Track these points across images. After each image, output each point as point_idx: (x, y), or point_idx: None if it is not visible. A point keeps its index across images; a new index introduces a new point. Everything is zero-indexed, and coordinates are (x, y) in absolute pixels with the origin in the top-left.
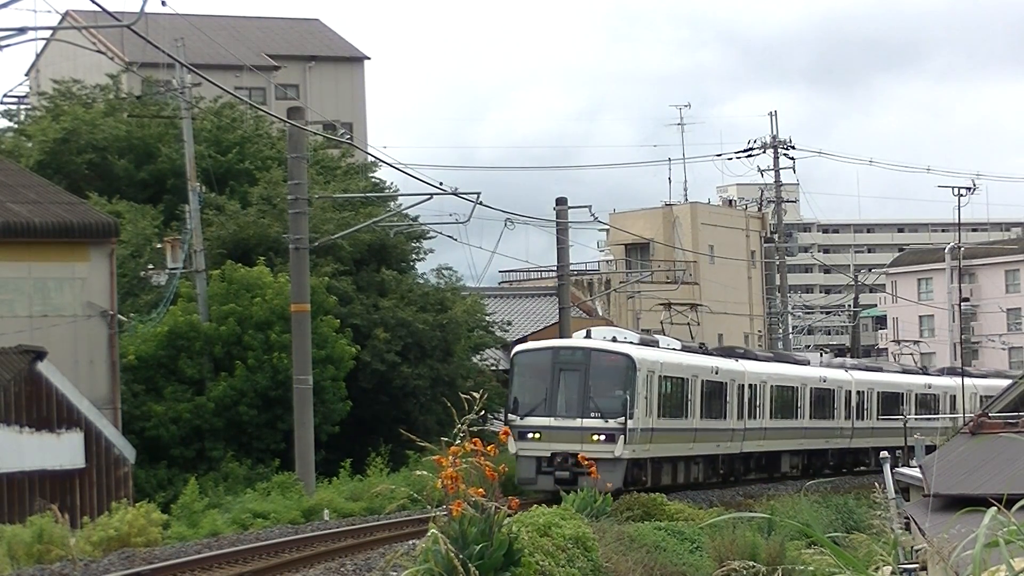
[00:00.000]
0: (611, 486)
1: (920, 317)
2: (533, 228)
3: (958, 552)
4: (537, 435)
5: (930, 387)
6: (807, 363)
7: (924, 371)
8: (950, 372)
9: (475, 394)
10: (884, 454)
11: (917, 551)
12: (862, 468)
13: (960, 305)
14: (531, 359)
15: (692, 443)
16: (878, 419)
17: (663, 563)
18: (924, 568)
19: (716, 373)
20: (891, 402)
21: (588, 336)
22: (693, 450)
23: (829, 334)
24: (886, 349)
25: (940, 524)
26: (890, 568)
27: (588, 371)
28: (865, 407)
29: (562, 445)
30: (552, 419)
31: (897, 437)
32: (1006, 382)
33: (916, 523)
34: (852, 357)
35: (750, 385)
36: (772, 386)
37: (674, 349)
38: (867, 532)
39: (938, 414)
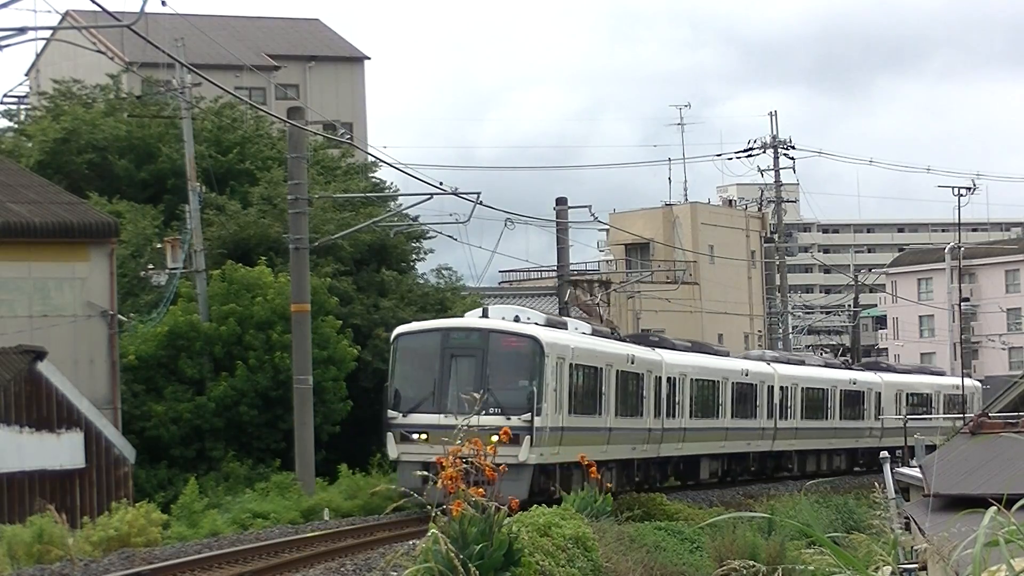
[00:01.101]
0: (515, 501)
1: (920, 317)
2: (533, 228)
3: (958, 552)
4: (423, 436)
5: (855, 383)
6: (727, 354)
7: (847, 365)
8: (871, 367)
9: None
10: (884, 454)
11: (917, 551)
12: (784, 474)
13: (960, 305)
14: (416, 343)
15: (606, 445)
16: (802, 419)
17: (663, 563)
18: (924, 568)
19: (632, 363)
20: (816, 400)
21: (485, 315)
22: (607, 454)
23: (829, 334)
24: (886, 349)
25: (940, 524)
26: (890, 568)
27: (486, 357)
28: (789, 405)
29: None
30: (442, 416)
31: (825, 439)
32: (931, 378)
33: (916, 523)
34: (852, 357)
35: (669, 378)
36: (692, 380)
37: (585, 333)
38: (867, 532)
39: (863, 415)
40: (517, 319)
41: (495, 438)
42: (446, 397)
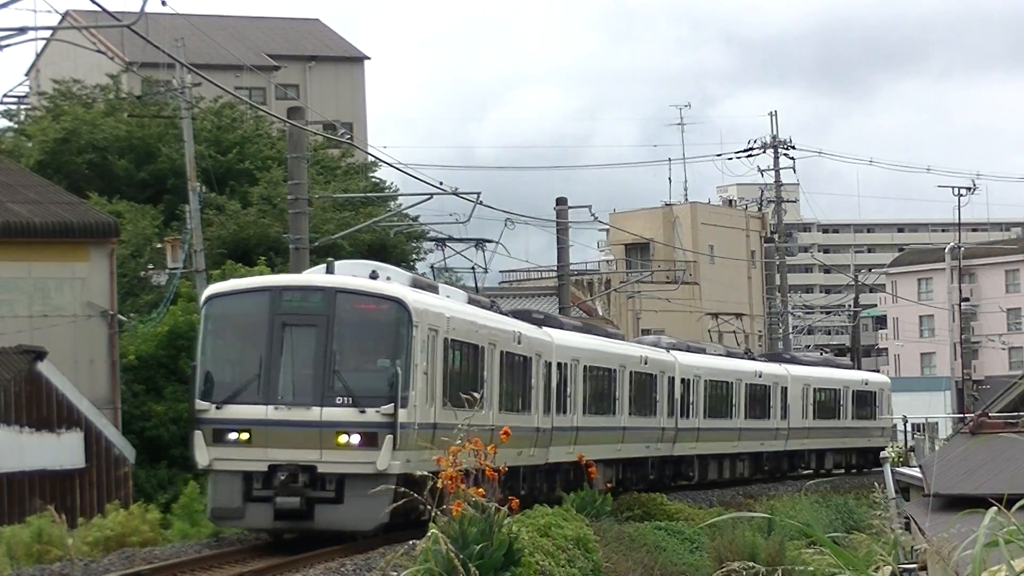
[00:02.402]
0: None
1: (920, 317)
2: (533, 228)
3: (958, 552)
4: (245, 435)
5: (760, 376)
6: (623, 338)
7: (749, 354)
8: (774, 358)
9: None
10: (884, 454)
11: (917, 551)
12: (683, 483)
13: (960, 305)
14: (235, 308)
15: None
16: (706, 418)
17: (663, 563)
18: (924, 568)
19: (519, 343)
20: (719, 394)
21: (330, 271)
22: (489, 460)
23: (829, 334)
24: (886, 349)
25: (940, 524)
26: (890, 568)
27: (332, 327)
28: (691, 401)
29: (287, 452)
30: (270, 408)
31: (729, 441)
32: (839, 372)
33: (916, 523)
34: (852, 358)
35: (560, 363)
36: (586, 366)
37: (461, 301)
38: (867, 532)
39: (768, 413)
40: (375, 276)
41: (344, 437)
42: (276, 382)
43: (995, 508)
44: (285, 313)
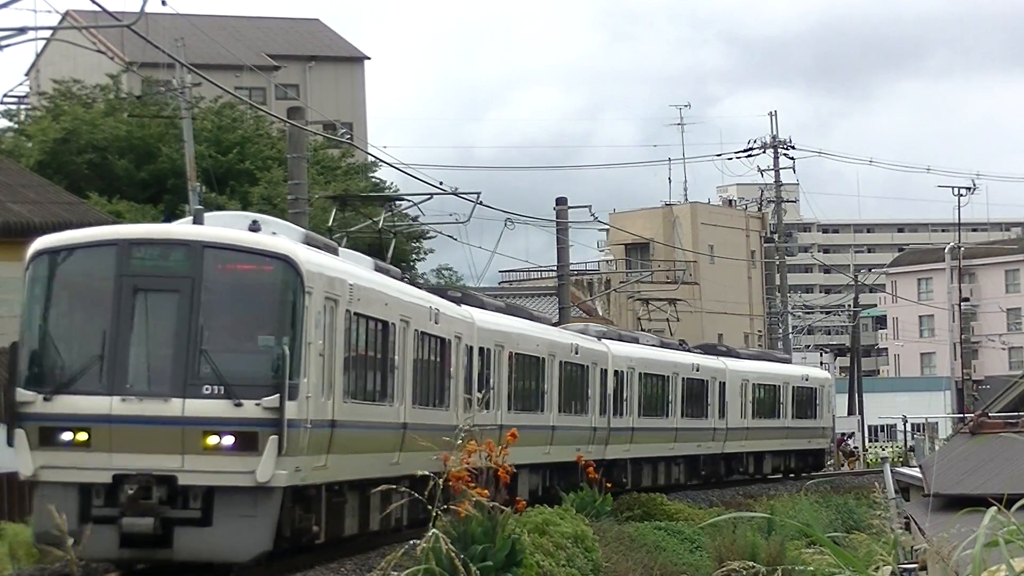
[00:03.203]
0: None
1: (920, 317)
2: (533, 228)
3: (958, 552)
4: (82, 435)
5: (698, 369)
6: (551, 322)
7: (684, 345)
8: (710, 351)
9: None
10: (884, 454)
11: (917, 551)
12: (617, 490)
13: (960, 305)
14: (69, 268)
15: (398, 452)
16: (641, 416)
17: (663, 563)
18: (924, 568)
19: (436, 321)
20: (655, 390)
21: (199, 222)
22: (400, 467)
23: (829, 334)
24: (886, 349)
25: (940, 524)
26: (890, 568)
27: (198, 293)
28: (625, 397)
29: (138, 459)
30: (116, 400)
31: (665, 443)
32: (778, 367)
33: (916, 523)
34: (851, 358)
35: (483, 349)
36: (512, 353)
37: (366, 268)
38: (867, 532)
39: (706, 411)
40: (256, 228)
41: (214, 439)
42: (124, 366)
43: (995, 508)
44: (137, 274)
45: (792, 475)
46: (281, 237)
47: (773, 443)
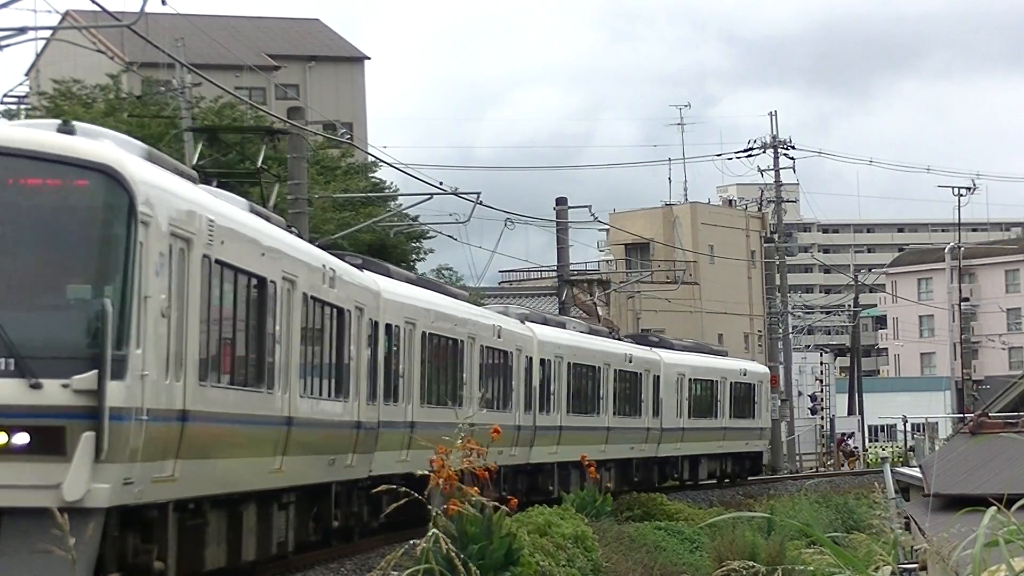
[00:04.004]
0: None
1: (920, 317)
2: (533, 228)
3: (958, 552)
4: None
5: (631, 361)
6: (467, 298)
7: (614, 333)
8: (640, 340)
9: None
10: (884, 454)
11: (917, 551)
12: (541, 501)
13: (960, 305)
14: None
15: (280, 456)
16: (569, 413)
17: (663, 563)
18: (924, 568)
19: (332, 286)
20: (586, 382)
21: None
22: (283, 475)
23: (829, 334)
24: (886, 349)
25: (940, 524)
26: (890, 568)
27: None
28: (552, 389)
29: None
30: None
31: (595, 444)
32: (715, 360)
33: (916, 523)
34: (851, 358)
35: (390, 326)
36: (426, 334)
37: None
38: (867, 532)
39: (640, 408)
40: (69, 130)
41: (1, 437)
42: None
43: (994, 508)
44: None
45: (728, 480)
46: (105, 143)
47: (710, 445)
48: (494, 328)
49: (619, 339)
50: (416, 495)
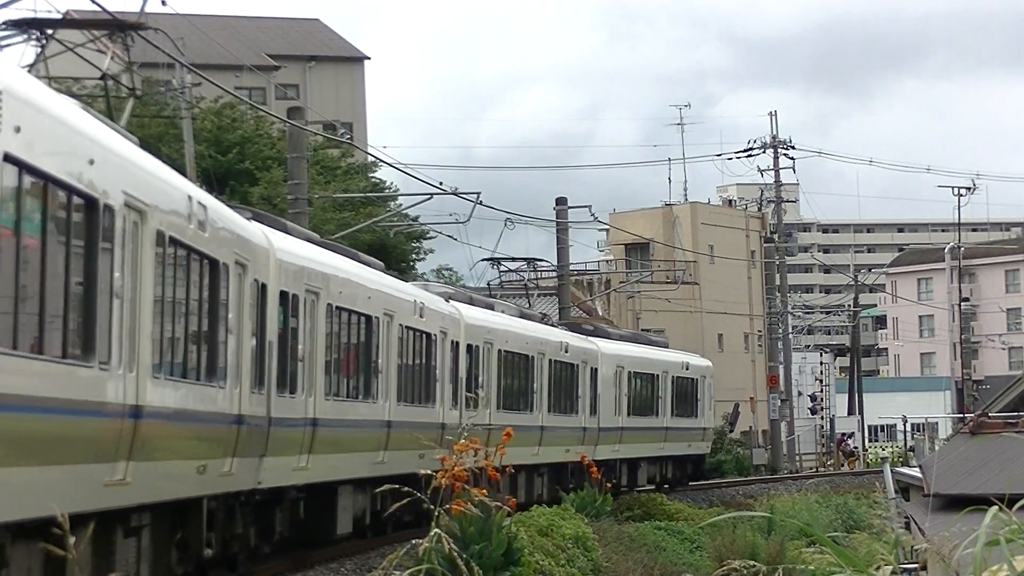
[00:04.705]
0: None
1: (920, 317)
2: (533, 228)
3: (959, 552)
4: None
5: (567, 350)
6: (381, 268)
7: (546, 318)
8: (575, 327)
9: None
10: (884, 454)
11: (917, 551)
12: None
13: (960, 305)
14: None
15: (125, 462)
16: (500, 409)
17: (663, 563)
18: (924, 568)
19: (203, 229)
20: (518, 374)
21: None
22: (128, 491)
23: (829, 334)
24: (886, 349)
25: (940, 524)
26: (891, 568)
27: None
28: (482, 381)
29: None
30: None
31: (528, 446)
32: (657, 352)
33: (916, 523)
34: (851, 358)
35: (285, 294)
36: (333, 307)
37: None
38: (868, 532)
39: (575, 405)
40: None
41: None
42: None
43: (996, 507)
44: None
45: (667, 487)
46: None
47: (650, 447)
48: (416, 305)
49: (553, 324)
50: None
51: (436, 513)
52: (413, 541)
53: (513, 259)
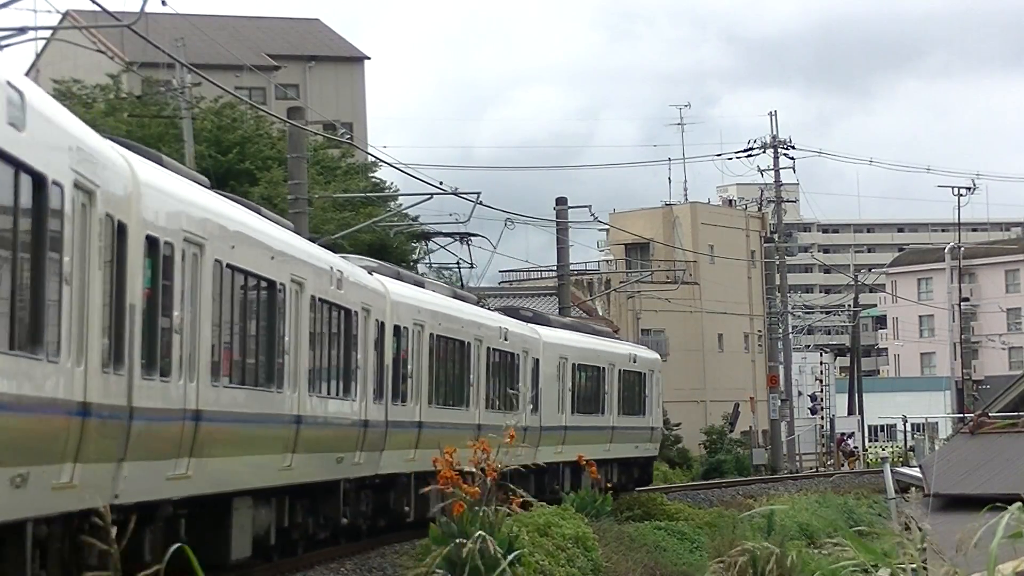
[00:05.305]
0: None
1: (920, 317)
2: (533, 228)
3: (960, 552)
4: None
5: (506, 338)
6: (293, 229)
7: (484, 301)
8: (511, 312)
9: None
10: (884, 454)
11: (919, 551)
12: (391, 528)
13: (960, 305)
14: None
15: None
16: (432, 404)
17: (663, 563)
18: (925, 567)
19: (19, 126)
20: (452, 363)
21: None
22: None
23: (829, 334)
24: (886, 349)
25: (940, 524)
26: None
27: None
28: (411, 370)
29: None
30: None
31: (462, 432)
32: (601, 342)
33: (916, 523)
34: (851, 358)
35: (154, 241)
36: (221, 264)
37: None
38: (872, 531)
39: (516, 402)
40: None
41: None
42: None
43: (1018, 504)
44: None
45: (613, 493)
46: None
47: (595, 449)
48: (331, 274)
49: (490, 309)
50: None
51: (435, 514)
52: (412, 541)
53: (446, 234)
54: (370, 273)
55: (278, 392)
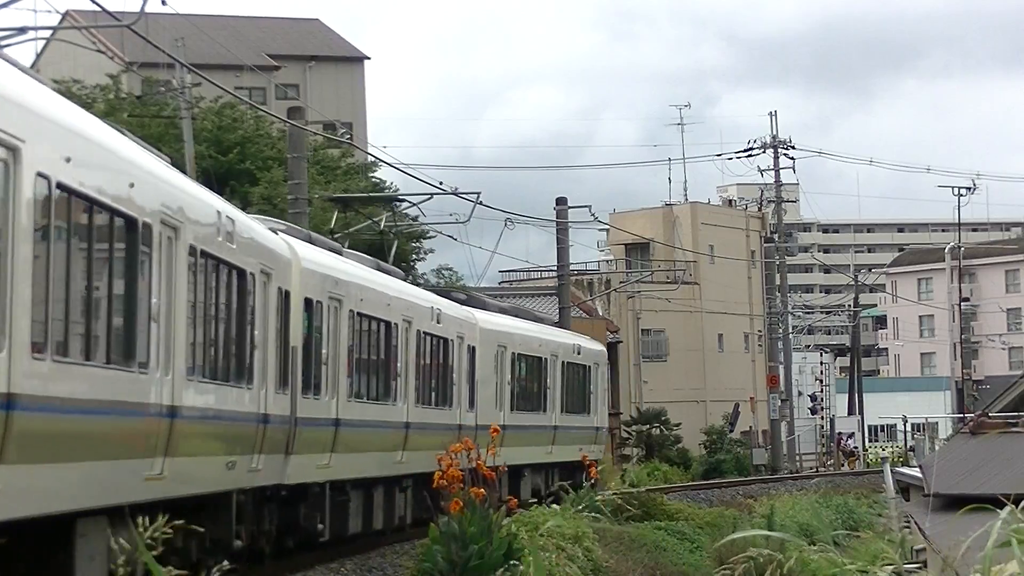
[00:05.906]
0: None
1: (920, 317)
2: (533, 228)
3: (961, 552)
4: None
5: (439, 320)
6: (169, 162)
7: (410, 277)
8: (444, 292)
9: None
10: (884, 454)
11: (918, 551)
12: (300, 547)
13: (960, 305)
14: None
15: None
16: (350, 397)
17: (663, 563)
18: (924, 567)
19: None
20: (374, 349)
21: None
22: None
23: (829, 334)
24: (886, 349)
25: (940, 524)
26: (891, 567)
27: None
28: (324, 355)
29: None
30: None
31: (390, 451)
32: (543, 331)
33: (916, 523)
34: (851, 358)
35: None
36: (58, 186)
37: None
38: (871, 531)
39: (450, 396)
40: None
41: None
42: None
43: (1009, 507)
44: None
45: (554, 501)
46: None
47: (536, 451)
48: (220, 223)
49: (417, 284)
50: None
51: (435, 514)
52: (412, 541)
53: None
54: (277, 233)
55: (143, 374)
